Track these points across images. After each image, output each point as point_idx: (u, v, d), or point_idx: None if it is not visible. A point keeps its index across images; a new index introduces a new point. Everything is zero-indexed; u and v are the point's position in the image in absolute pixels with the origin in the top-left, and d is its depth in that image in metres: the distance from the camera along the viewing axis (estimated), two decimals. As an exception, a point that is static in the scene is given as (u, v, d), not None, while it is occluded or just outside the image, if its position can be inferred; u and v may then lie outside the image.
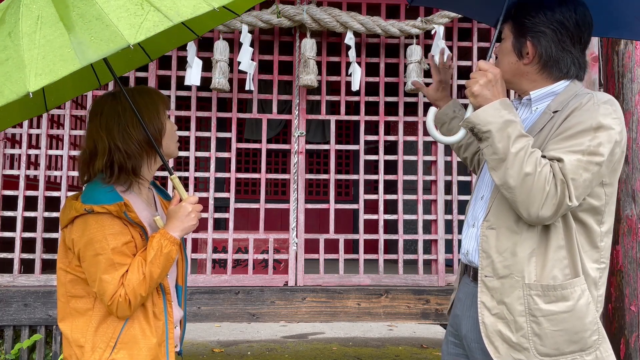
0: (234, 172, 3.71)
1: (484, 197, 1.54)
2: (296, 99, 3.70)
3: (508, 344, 1.38)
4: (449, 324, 1.66)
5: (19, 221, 3.52)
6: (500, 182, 1.35)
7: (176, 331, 1.63)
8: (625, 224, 2.21)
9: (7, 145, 3.67)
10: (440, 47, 3.56)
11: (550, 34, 1.48)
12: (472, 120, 1.37)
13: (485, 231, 1.45)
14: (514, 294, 1.39)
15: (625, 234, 2.21)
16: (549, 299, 1.37)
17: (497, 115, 1.34)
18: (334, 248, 3.72)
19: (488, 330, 1.41)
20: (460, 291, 1.60)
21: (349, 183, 7.35)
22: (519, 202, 1.33)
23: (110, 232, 1.41)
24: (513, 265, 1.39)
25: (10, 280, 3.46)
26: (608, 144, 1.34)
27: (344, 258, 3.71)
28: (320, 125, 6.48)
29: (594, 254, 1.42)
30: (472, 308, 1.50)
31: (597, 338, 1.39)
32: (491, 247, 1.43)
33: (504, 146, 1.32)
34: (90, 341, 1.45)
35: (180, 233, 1.49)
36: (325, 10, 3.56)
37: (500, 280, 1.40)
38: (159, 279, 1.46)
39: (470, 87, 1.39)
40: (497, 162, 1.34)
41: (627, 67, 2.26)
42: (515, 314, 1.38)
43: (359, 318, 3.52)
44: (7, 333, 3.40)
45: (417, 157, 3.81)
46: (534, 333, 1.37)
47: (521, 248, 1.39)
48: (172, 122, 1.63)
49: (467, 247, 1.55)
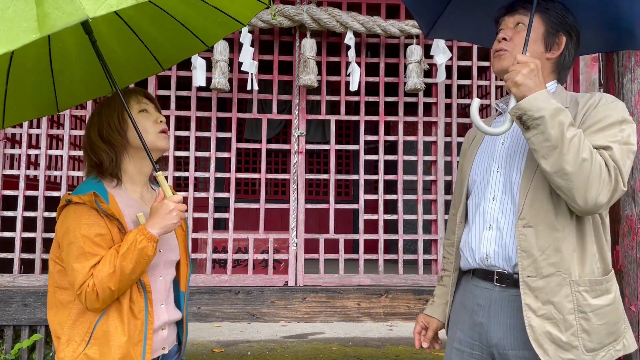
0: (234, 172, 3.71)
1: (496, 198, 1.49)
2: (296, 99, 3.70)
3: (557, 345, 1.35)
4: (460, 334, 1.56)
5: (19, 221, 3.52)
6: (554, 169, 1.31)
7: (162, 333, 1.58)
8: (625, 224, 2.21)
9: (7, 145, 3.67)
10: (440, 46, 3.57)
11: (575, 40, 1.54)
12: (524, 106, 1.33)
13: (522, 230, 1.40)
14: (561, 292, 1.36)
15: (625, 234, 2.21)
16: (595, 294, 1.38)
17: (548, 102, 1.32)
18: (334, 248, 3.72)
19: (536, 333, 1.36)
20: (478, 297, 1.51)
21: (349, 183, 7.35)
22: (575, 188, 1.30)
23: (85, 222, 1.45)
24: (559, 263, 1.37)
25: (10, 280, 3.46)
26: (634, 135, 1.39)
27: (344, 258, 3.71)
28: (320, 125, 6.48)
29: (609, 247, 1.47)
30: (501, 313, 1.44)
31: (625, 326, 1.45)
32: (532, 245, 1.39)
33: (558, 132, 1.29)
34: (66, 334, 1.46)
35: (159, 230, 1.46)
36: (325, 10, 3.56)
37: (544, 279, 1.37)
38: (132, 275, 1.43)
39: (512, 77, 1.36)
40: (548, 150, 1.30)
41: (627, 67, 2.25)
42: (565, 313, 1.36)
43: (359, 318, 3.52)
44: (7, 333, 3.40)
45: (417, 157, 3.81)
46: (583, 329, 1.36)
47: (565, 244, 1.37)
48: (155, 115, 1.60)
49: (486, 251, 1.48)
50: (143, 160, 1.59)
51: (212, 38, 1.87)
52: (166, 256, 1.63)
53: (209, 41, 1.86)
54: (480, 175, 1.57)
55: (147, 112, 1.60)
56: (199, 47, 1.89)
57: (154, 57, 1.86)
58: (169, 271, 1.64)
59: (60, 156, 3.90)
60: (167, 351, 1.62)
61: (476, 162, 1.61)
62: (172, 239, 1.67)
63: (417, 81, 3.60)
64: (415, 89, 3.61)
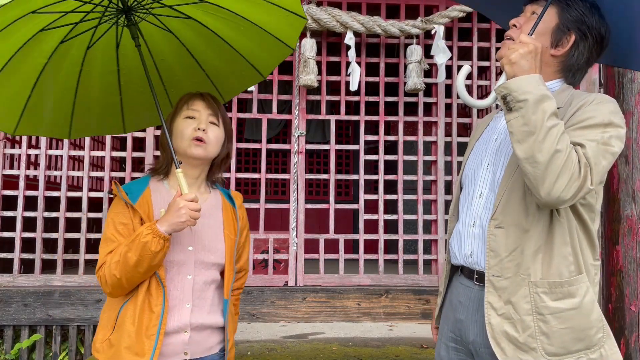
0: (234, 172, 3.71)
1: (482, 195, 1.48)
2: (296, 98, 3.70)
3: (515, 345, 1.34)
4: (447, 329, 1.58)
5: (18, 221, 3.52)
6: (526, 155, 1.28)
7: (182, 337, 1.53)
8: (625, 224, 2.21)
9: (7, 145, 3.67)
10: (440, 46, 3.57)
11: (591, 42, 1.47)
12: (510, 86, 1.29)
13: (493, 230, 1.40)
14: (519, 293, 1.35)
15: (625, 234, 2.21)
16: (555, 296, 1.35)
17: (537, 87, 1.29)
18: (334, 248, 3.72)
19: (494, 332, 1.36)
20: (461, 295, 1.53)
21: (349, 183, 7.35)
22: (541, 178, 1.26)
23: (115, 211, 1.56)
24: (520, 263, 1.36)
25: (10, 280, 3.46)
26: (617, 139, 1.35)
27: (344, 258, 3.71)
28: (320, 125, 6.48)
29: (592, 250, 1.42)
30: (478, 312, 1.45)
31: (602, 336, 1.38)
32: (500, 246, 1.38)
33: (538, 119, 1.26)
34: (104, 319, 1.56)
35: (167, 228, 1.45)
36: (325, 10, 3.56)
37: (507, 279, 1.37)
38: (139, 268, 1.44)
39: (507, 55, 1.32)
40: (525, 135, 1.27)
41: (627, 67, 2.25)
42: (522, 313, 1.35)
43: (359, 318, 3.52)
44: (7, 333, 3.39)
45: (417, 157, 3.81)
46: (541, 332, 1.34)
47: (528, 245, 1.36)
48: (197, 122, 1.62)
49: (471, 249, 1.48)
50: (189, 164, 1.61)
51: (265, 67, 1.89)
52: (200, 256, 1.58)
53: (264, 71, 1.90)
54: (472, 171, 1.55)
55: (192, 119, 1.61)
56: (256, 77, 1.92)
57: (216, 90, 1.92)
58: (205, 273, 1.59)
59: (60, 156, 3.89)
60: (188, 357, 1.55)
61: (471, 156, 1.59)
62: (212, 240, 1.62)
63: (417, 81, 3.59)
64: (415, 88, 3.61)
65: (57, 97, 1.75)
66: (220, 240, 1.63)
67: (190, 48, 1.79)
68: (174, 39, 1.76)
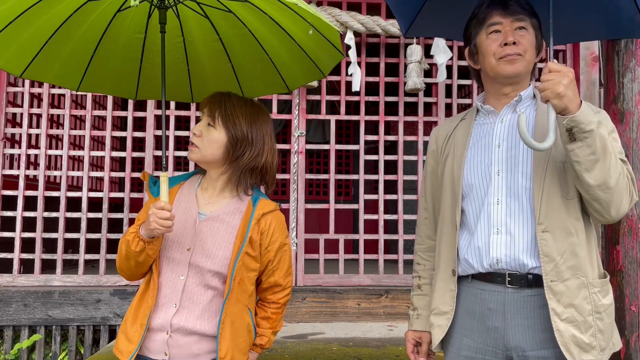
0: (234, 172, 3.70)
1: (501, 202, 1.46)
2: (296, 98, 3.70)
3: (580, 347, 1.37)
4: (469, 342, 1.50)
5: (18, 221, 3.52)
6: (597, 182, 1.31)
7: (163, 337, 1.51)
8: (625, 224, 2.21)
9: (7, 145, 3.67)
10: (440, 46, 3.56)
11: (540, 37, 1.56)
12: (579, 119, 1.28)
13: (542, 235, 1.41)
14: (580, 295, 1.39)
15: (626, 234, 2.21)
16: (604, 293, 1.43)
17: (594, 115, 1.32)
18: (334, 248, 3.71)
19: (564, 337, 1.36)
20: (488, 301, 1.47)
21: (349, 183, 7.35)
22: (612, 201, 1.34)
23: (149, 202, 1.65)
24: (576, 266, 1.40)
25: (10, 280, 3.46)
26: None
27: (344, 258, 3.71)
28: (320, 125, 6.47)
29: None
30: (518, 315, 1.43)
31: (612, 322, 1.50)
32: (552, 250, 1.40)
33: (602, 145, 1.30)
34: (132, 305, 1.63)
35: (144, 231, 1.47)
36: (325, 10, 3.56)
37: (564, 283, 1.39)
38: (129, 261, 1.53)
39: (553, 88, 1.30)
40: (592, 163, 1.30)
41: (627, 66, 2.25)
42: (585, 314, 1.38)
43: (359, 318, 3.51)
44: (7, 333, 3.39)
45: (417, 157, 3.81)
46: (598, 329, 1.40)
47: (580, 247, 1.41)
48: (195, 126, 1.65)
49: (496, 256, 1.45)
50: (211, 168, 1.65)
51: (294, 82, 1.91)
52: (195, 258, 1.55)
53: (291, 85, 1.91)
54: (479, 179, 1.52)
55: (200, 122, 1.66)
56: (281, 88, 1.93)
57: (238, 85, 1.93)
58: (200, 277, 1.55)
59: (60, 156, 3.89)
60: (167, 359, 1.52)
61: (469, 165, 1.54)
62: (215, 245, 1.57)
63: (417, 81, 3.59)
64: (415, 88, 3.61)
65: (123, 59, 1.84)
66: (226, 248, 1.57)
67: (225, 42, 1.80)
68: (211, 31, 1.76)
